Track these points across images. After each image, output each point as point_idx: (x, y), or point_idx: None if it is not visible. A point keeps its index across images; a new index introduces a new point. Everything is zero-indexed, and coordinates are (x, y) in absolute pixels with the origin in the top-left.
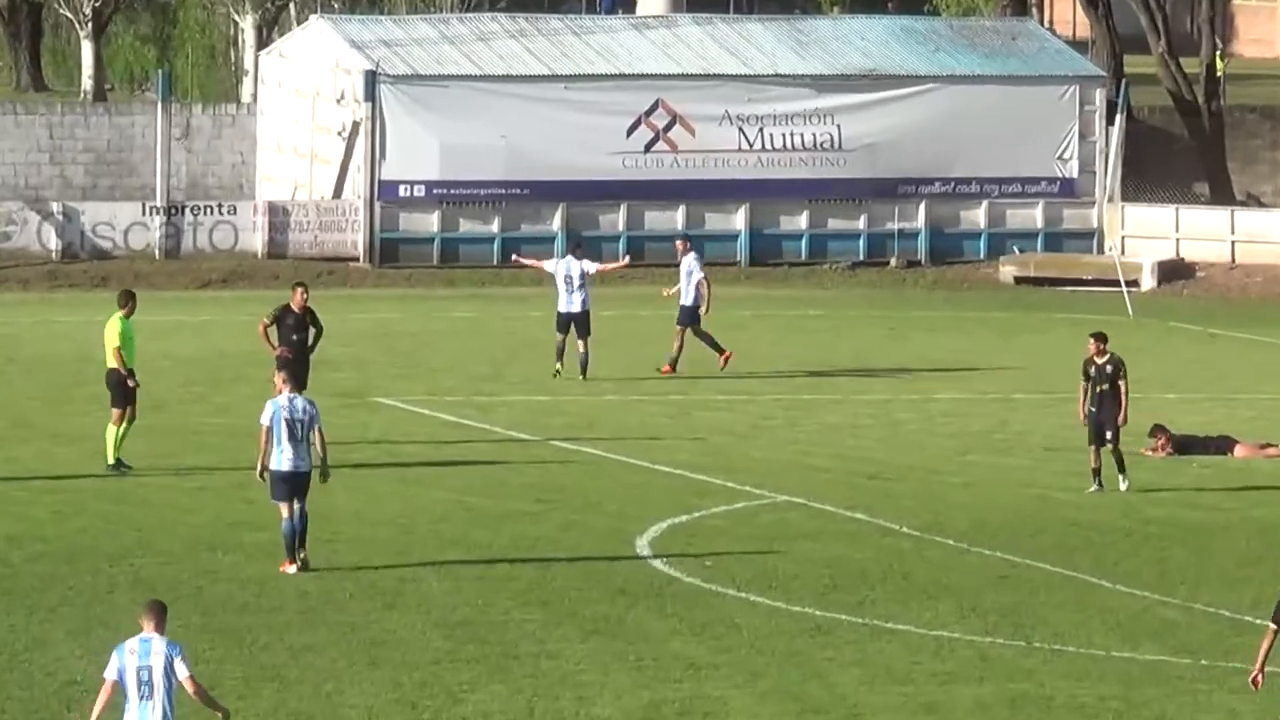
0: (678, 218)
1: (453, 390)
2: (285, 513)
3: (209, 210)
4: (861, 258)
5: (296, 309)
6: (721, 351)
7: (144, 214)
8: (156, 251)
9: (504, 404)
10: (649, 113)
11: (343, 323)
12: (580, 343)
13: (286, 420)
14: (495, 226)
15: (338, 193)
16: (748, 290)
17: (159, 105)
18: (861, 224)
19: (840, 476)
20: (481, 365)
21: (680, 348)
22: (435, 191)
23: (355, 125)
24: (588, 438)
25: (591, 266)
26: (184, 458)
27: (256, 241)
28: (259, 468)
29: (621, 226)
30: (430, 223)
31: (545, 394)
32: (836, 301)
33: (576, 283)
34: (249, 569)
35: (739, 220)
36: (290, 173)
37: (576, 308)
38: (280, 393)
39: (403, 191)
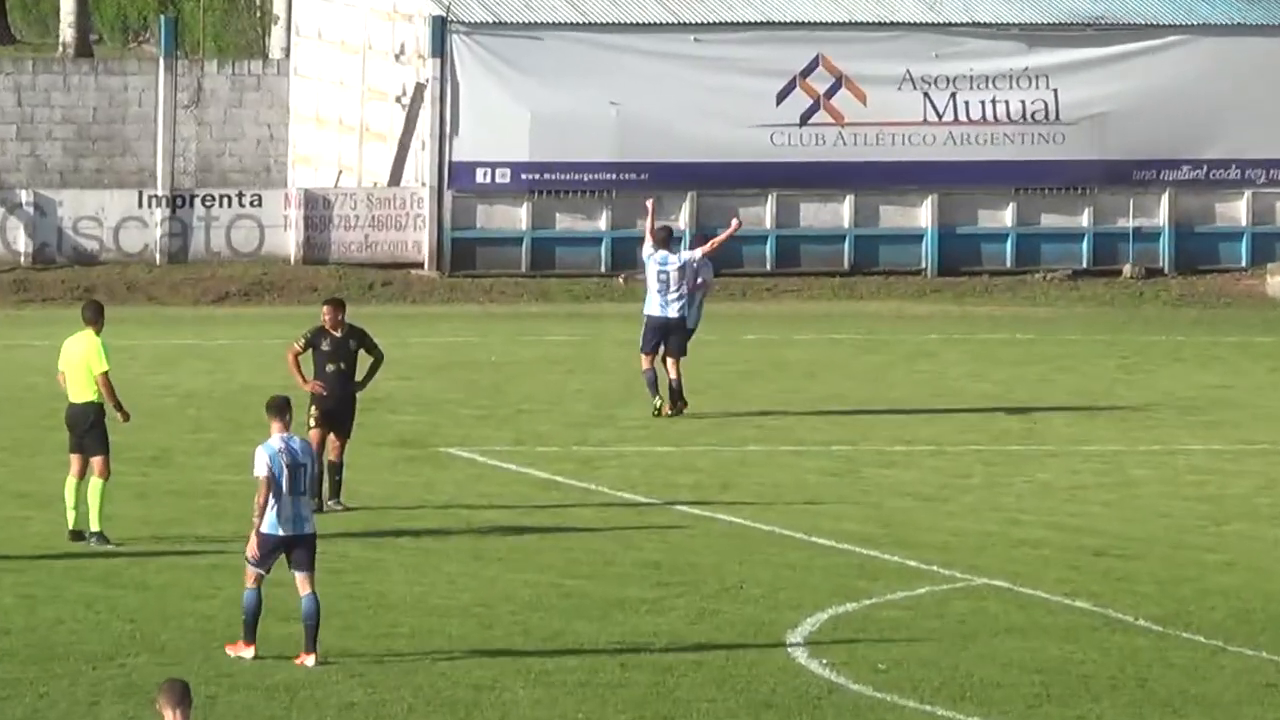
0: (843, 212)
1: (547, 439)
2: (251, 581)
3: (226, 201)
4: (1085, 265)
5: (334, 331)
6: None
7: (141, 206)
8: (157, 255)
9: (615, 457)
10: (806, 73)
11: (402, 348)
12: (672, 363)
13: (288, 466)
14: (603, 223)
15: (395, 178)
16: (935, 306)
17: (160, 62)
18: (1085, 221)
19: (1056, 553)
20: (584, 406)
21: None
22: (524, 177)
23: (419, 89)
24: (724, 501)
25: (694, 252)
26: (193, 526)
27: (289, 242)
28: (254, 540)
29: (769, 223)
30: (517, 217)
31: (667, 443)
32: (1052, 322)
33: (674, 285)
34: (277, 673)
35: (924, 215)
36: (333, 152)
37: (673, 313)
38: (276, 434)
39: (481, 177)
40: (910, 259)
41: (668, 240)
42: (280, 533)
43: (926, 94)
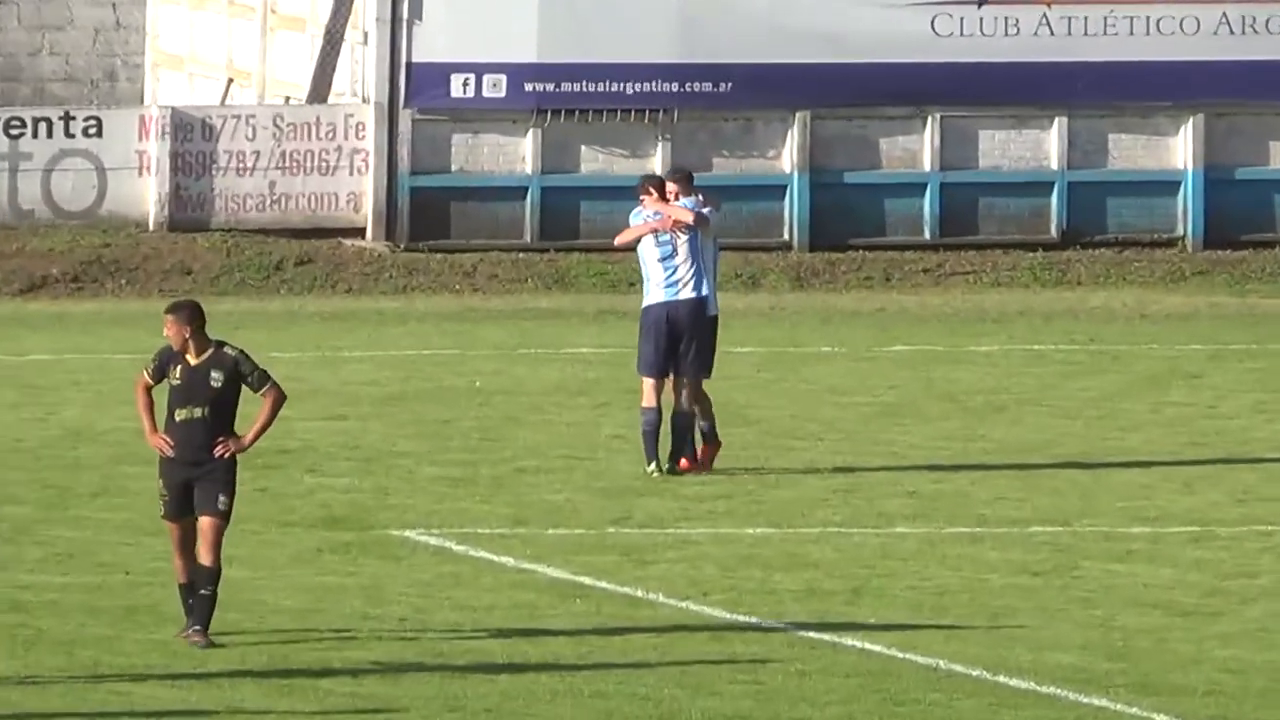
0: (1049, 145)
1: (564, 515)
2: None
3: (43, 128)
4: None
5: (186, 354)
6: (698, 446)
7: None
8: None
9: (676, 545)
10: None
11: (329, 369)
12: (684, 389)
13: None
14: (657, 162)
15: (320, 92)
16: (1198, 297)
17: None
18: None
19: None
20: (626, 461)
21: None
22: (529, 89)
23: None
24: (854, 623)
25: (710, 211)
26: None
27: (145, 195)
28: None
29: (927, 163)
30: (517, 155)
31: (761, 522)
32: None
33: (683, 252)
34: None
35: (1179, 150)
36: (218, 49)
37: (686, 294)
38: None
39: (459, 88)
40: (1158, 221)
41: (689, 182)
42: None
43: None
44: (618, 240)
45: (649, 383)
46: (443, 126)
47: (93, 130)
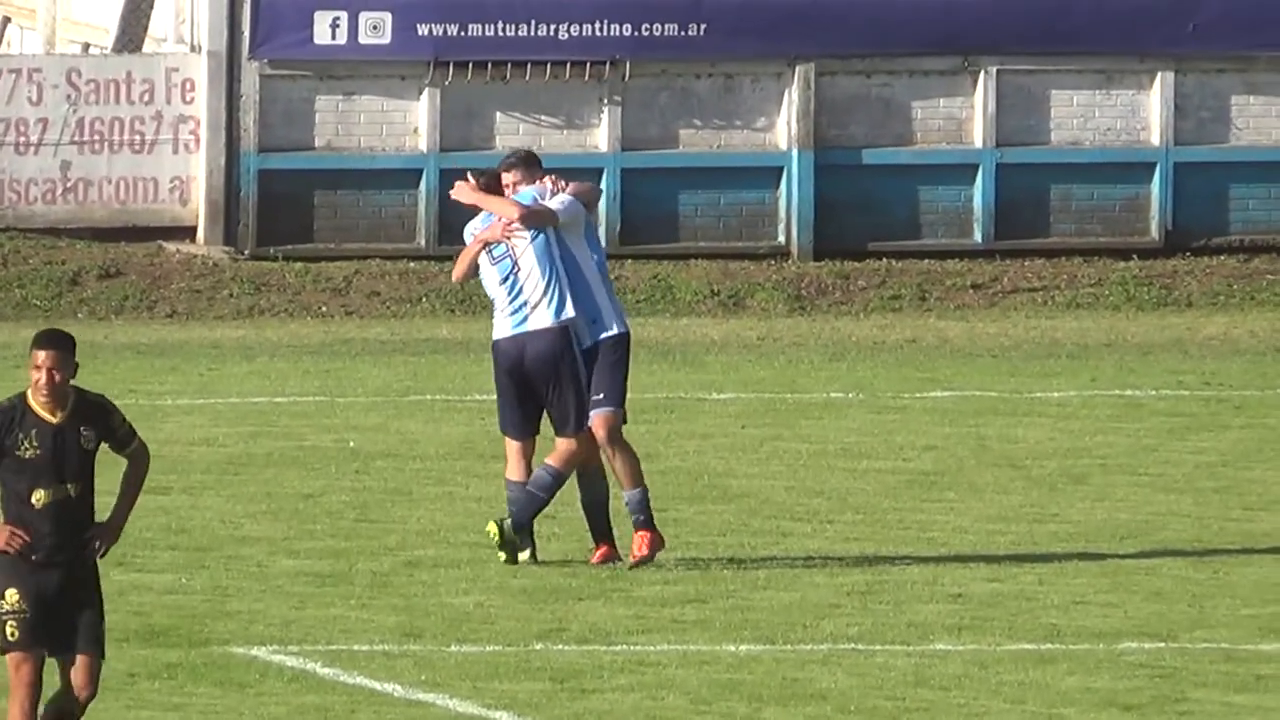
0: (1149, 108)
1: (468, 622)
2: None
3: None
4: None
5: (47, 411)
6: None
7: None
8: None
9: (617, 663)
10: None
11: (148, 421)
12: (564, 446)
13: None
14: (602, 136)
15: (130, 36)
16: None
17: None
18: None
19: None
20: (548, 546)
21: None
22: (422, 32)
23: None
24: None
25: (562, 198)
26: None
27: None
28: None
29: (980, 136)
30: (404, 124)
31: (730, 628)
32: None
33: (527, 264)
34: None
35: None
36: None
37: (542, 323)
38: None
39: (325, 33)
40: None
41: (530, 166)
42: None
43: None
44: (455, 274)
45: (512, 446)
46: (303, 85)
47: None
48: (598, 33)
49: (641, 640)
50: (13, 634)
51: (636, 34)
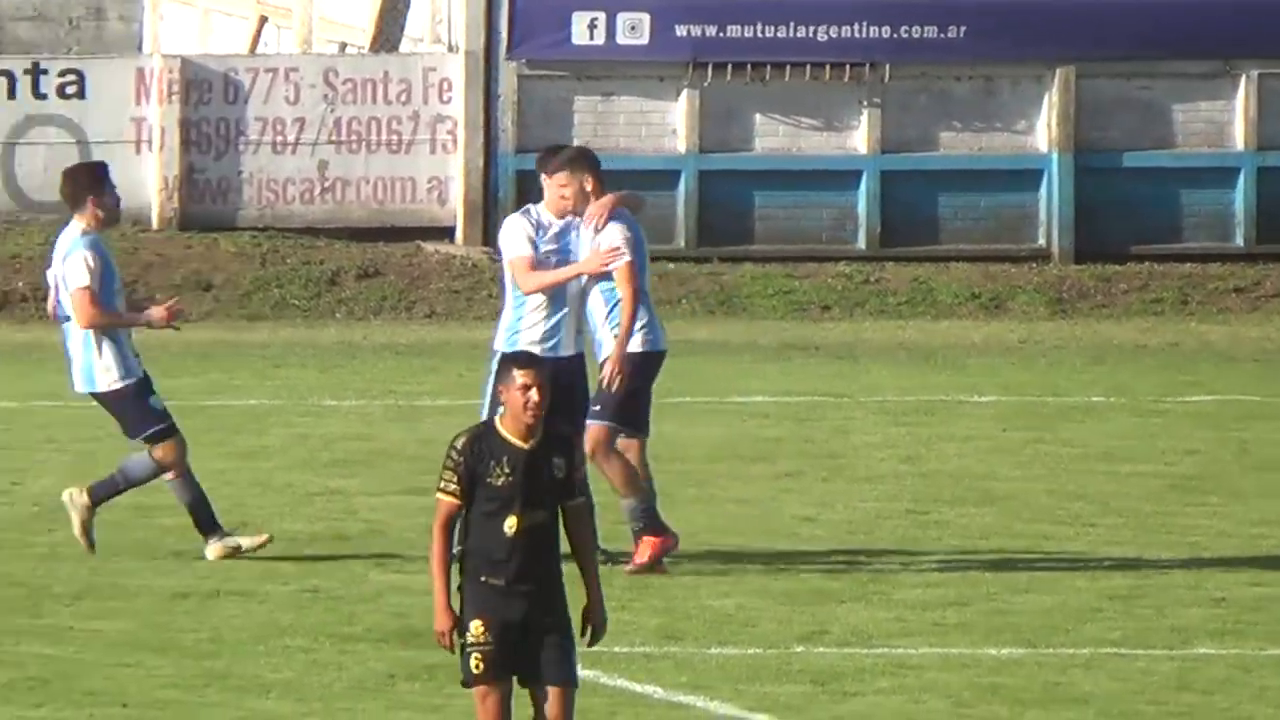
0: None
1: (729, 624)
2: None
3: (3, 85)
4: None
5: (519, 437)
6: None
7: None
8: None
9: (878, 665)
10: None
11: (406, 422)
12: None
13: None
14: (860, 137)
15: (387, 36)
16: None
17: None
18: None
19: None
20: (810, 548)
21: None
22: (683, 34)
23: None
24: None
25: (616, 233)
26: None
27: (146, 180)
28: None
29: (1241, 138)
30: (664, 125)
31: (991, 631)
32: None
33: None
34: None
35: None
36: None
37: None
38: None
39: (583, 33)
40: None
41: (578, 173)
42: None
43: None
44: (537, 284)
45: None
46: (561, 86)
47: (72, 89)
48: (857, 34)
49: (902, 643)
50: (477, 666)
51: (895, 36)
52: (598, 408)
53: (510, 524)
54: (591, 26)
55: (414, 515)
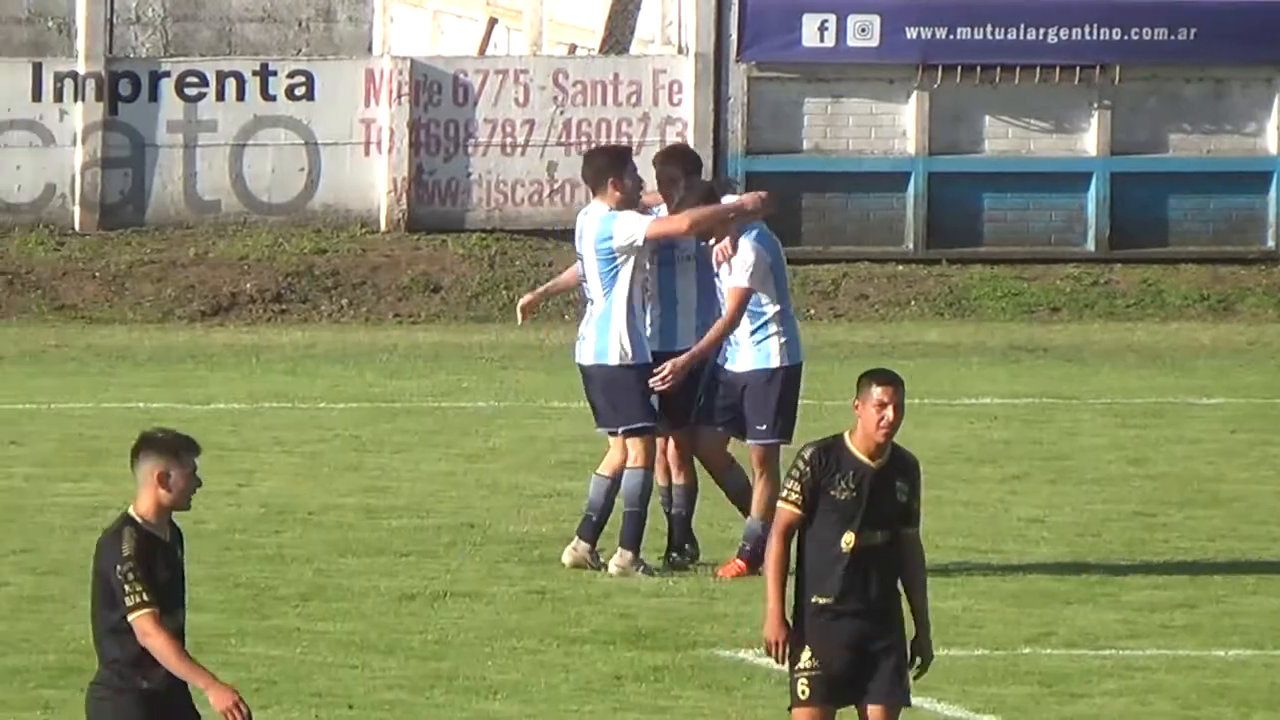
0: None
1: (955, 625)
2: None
3: (233, 87)
4: None
5: (867, 454)
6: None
7: (39, 97)
8: (76, 211)
9: (1105, 667)
10: None
11: None
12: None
13: None
14: (1090, 139)
15: (616, 41)
16: None
17: None
18: None
19: None
20: (1036, 550)
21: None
22: (913, 36)
23: None
24: None
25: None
26: None
27: (375, 182)
28: None
29: None
30: (894, 127)
31: (1219, 633)
32: None
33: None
34: None
35: None
36: None
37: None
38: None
39: (813, 34)
40: None
41: (669, 170)
42: None
43: None
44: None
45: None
46: (790, 88)
47: (300, 91)
48: (1087, 36)
49: (1129, 645)
50: (804, 692)
51: (1125, 38)
52: (763, 427)
53: (847, 540)
54: (822, 29)
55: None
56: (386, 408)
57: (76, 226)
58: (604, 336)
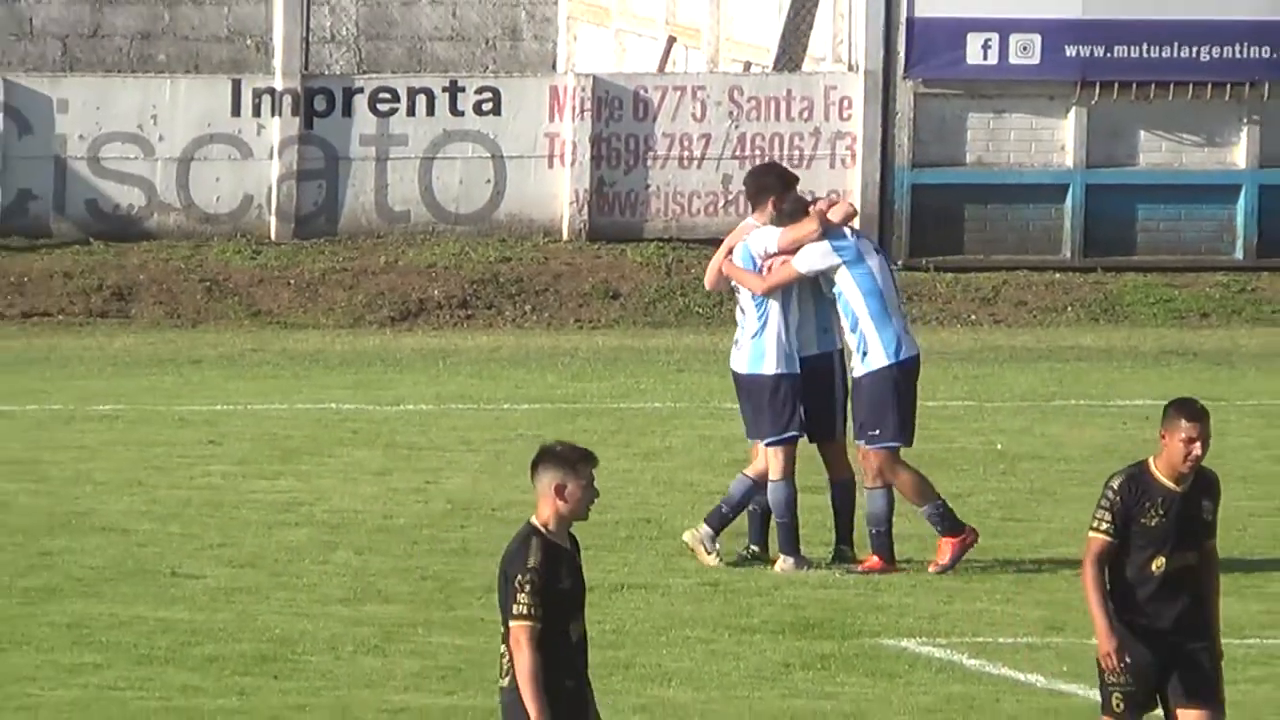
0: None
1: None
2: None
3: (422, 103)
4: None
5: (1171, 480)
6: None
7: (238, 112)
8: (273, 220)
9: (1249, 655)
10: None
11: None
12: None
13: None
14: (1240, 152)
15: (790, 58)
16: None
17: None
18: None
19: None
20: None
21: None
22: (1072, 54)
23: None
24: None
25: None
26: None
27: (558, 194)
28: None
29: None
30: (1054, 141)
31: None
32: None
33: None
34: None
35: None
36: (656, 1)
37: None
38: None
39: (977, 52)
40: None
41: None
42: None
43: None
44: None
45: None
46: (955, 104)
47: (488, 106)
48: (1237, 55)
49: (1273, 634)
50: (1118, 705)
51: (1275, 56)
52: (875, 431)
53: (1158, 564)
54: (985, 47)
55: (808, 512)
56: (568, 409)
57: (272, 236)
58: (758, 346)
